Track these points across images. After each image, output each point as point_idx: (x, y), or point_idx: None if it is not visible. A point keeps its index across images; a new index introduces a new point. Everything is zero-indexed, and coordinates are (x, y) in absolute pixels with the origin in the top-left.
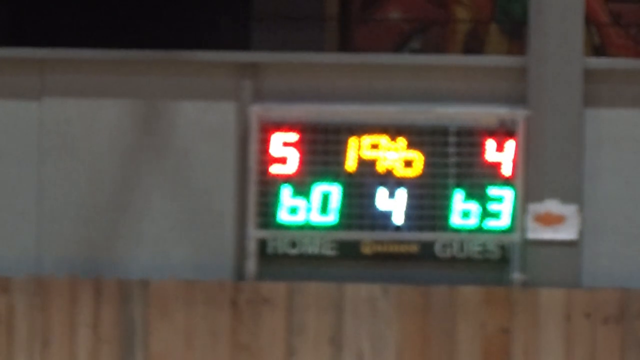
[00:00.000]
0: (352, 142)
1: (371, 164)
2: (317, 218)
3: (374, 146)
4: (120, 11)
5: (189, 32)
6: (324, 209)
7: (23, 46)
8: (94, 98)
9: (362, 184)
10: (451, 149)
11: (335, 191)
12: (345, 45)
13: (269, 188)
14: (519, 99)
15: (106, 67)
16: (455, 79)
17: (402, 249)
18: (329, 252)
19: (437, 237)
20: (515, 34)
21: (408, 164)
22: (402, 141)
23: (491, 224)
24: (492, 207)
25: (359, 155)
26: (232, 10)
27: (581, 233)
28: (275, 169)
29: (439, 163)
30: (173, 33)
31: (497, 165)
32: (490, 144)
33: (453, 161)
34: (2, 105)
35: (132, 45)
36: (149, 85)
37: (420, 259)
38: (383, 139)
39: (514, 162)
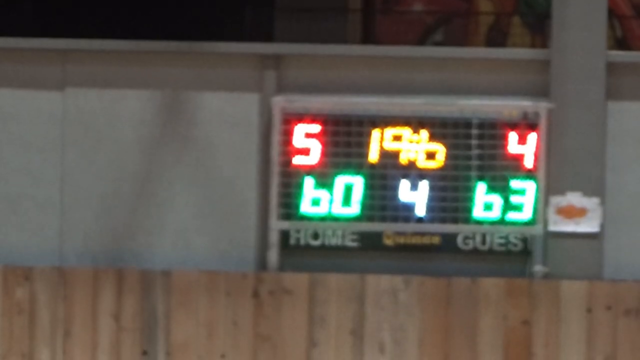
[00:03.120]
0: (375, 134)
1: (394, 155)
2: (339, 210)
3: (397, 138)
4: (143, 2)
5: (212, 23)
6: (346, 200)
7: (46, 37)
8: (117, 89)
9: (384, 176)
10: (474, 142)
11: (357, 183)
12: (368, 37)
13: (291, 179)
14: (541, 92)
15: (129, 58)
16: (478, 71)
17: (424, 240)
18: (351, 243)
19: (459, 229)
20: (538, 27)
21: (430, 156)
22: (424, 133)
23: (513, 216)
24: (515, 199)
25: (381, 147)
26: (256, 2)
27: (603, 226)
28: (297, 161)
29: (461, 155)
30: (196, 24)
31: (519, 158)
32: (512, 137)
33: (475, 153)
34: (25, 96)
35: (155, 37)
36: (172, 76)
37: (442, 251)
38: (406, 131)
39: (536, 154)
